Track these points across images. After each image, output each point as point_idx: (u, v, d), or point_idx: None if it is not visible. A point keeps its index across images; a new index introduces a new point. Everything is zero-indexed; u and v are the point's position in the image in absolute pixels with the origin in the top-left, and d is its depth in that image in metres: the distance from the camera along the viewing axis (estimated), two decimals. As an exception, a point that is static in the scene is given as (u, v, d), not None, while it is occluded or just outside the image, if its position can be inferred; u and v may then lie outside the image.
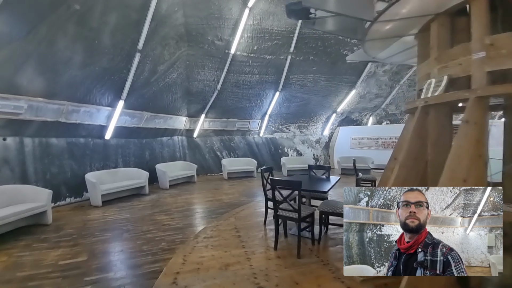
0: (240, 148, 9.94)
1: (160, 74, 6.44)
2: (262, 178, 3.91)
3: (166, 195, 6.16)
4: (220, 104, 8.44)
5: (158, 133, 7.98)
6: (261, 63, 7.49)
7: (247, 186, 7.30)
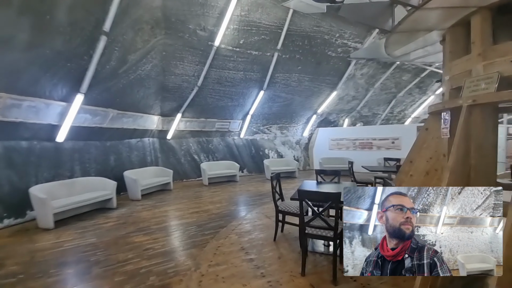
0: (219, 150, 9.22)
1: (130, 65, 5.42)
2: (272, 187, 3.39)
3: (139, 208, 5.18)
4: (200, 102, 7.64)
5: (126, 134, 6.83)
6: (247, 59, 6.95)
7: (232, 192, 6.67)
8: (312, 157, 11.22)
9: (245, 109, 8.70)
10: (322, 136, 10.98)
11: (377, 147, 9.86)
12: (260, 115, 9.22)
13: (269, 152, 10.22)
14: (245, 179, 8.69)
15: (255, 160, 9.85)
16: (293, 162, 9.18)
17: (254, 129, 9.74)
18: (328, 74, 8.54)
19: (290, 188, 6.90)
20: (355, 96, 10.37)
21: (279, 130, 10.29)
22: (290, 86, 8.33)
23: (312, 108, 9.96)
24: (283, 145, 10.60)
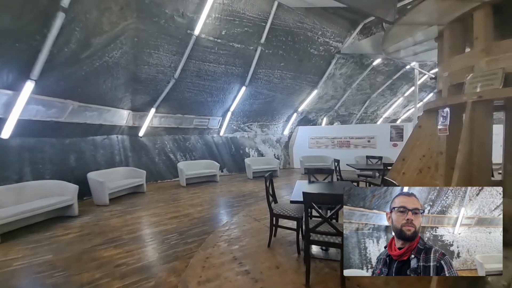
0: (197, 149, 8.68)
1: (95, 50, 4.71)
2: (266, 188, 3.11)
3: (107, 215, 4.53)
4: (177, 96, 7.04)
5: (90, 130, 6.00)
6: (229, 52, 6.56)
7: (213, 193, 6.25)
8: (292, 156, 11.22)
9: (225, 106, 8.29)
10: (302, 134, 11.02)
11: (354, 146, 10.18)
12: (241, 112, 8.89)
13: (249, 150, 9.94)
14: (226, 179, 8.31)
15: (235, 159, 9.50)
16: (274, 161, 9.03)
17: (235, 126, 9.37)
18: (310, 72, 8.52)
19: (275, 187, 6.73)
20: (333, 95, 10.57)
21: (259, 128, 10.06)
22: (273, 82, 8.13)
23: (293, 106, 9.91)
24: (264, 143, 10.40)
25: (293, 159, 11.19)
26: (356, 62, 9.28)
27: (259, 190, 6.50)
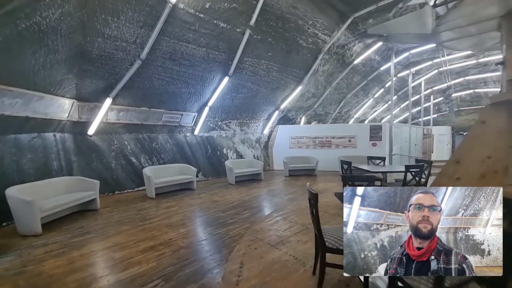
0: (167, 150, 7.20)
1: (19, 4, 3.07)
2: (312, 215, 2.12)
3: (38, 253, 2.97)
4: (142, 84, 5.54)
5: (10, 126, 4.17)
6: (212, 32, 5.38)
7: (194, 206, 5.00)
8: (272, 157, 10.46)
9: (203, 99, 7.02)
10: (282, 134, 10.35)
11: (336, 145, 9.94)
12: (220, 107, 7.71)
13: (227, 151, 8.80)
14: (203, 186, 7.04)
15: (211, 162, 8.26)
16: (257, 163, 8.09)
17: (212, 124, 8.13)
18: (296, 66, 7.86)
19: (265, 194, 5.82)
20: (314, 93, 10.18)
21: (239, 126, 9.01)
22: (258, 75, 7.20)
23: (275, 103, 9.14)
24: (243, 143, 9.38)
25: (273, 160, 10.45)
26: (339, 59, 9.02)
27: (249, 199, 5.48)
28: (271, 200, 5.39)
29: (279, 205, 4.95)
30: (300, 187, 6.78)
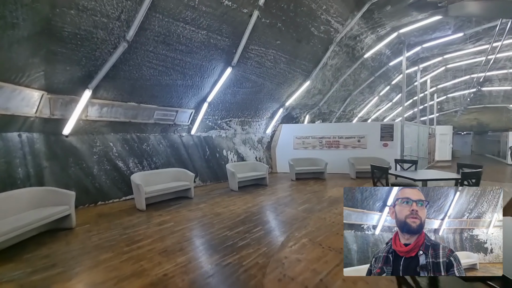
0: (160, 153, 6.26)
1: None
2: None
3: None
4: (129, 73, 4.61)
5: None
6: (215, 11, 4.50)
7: (193, 221, 4.11)
8: (275, 158, 9.64)
9: (201, 94, 6.12)
10: (286, 133, 9.54)
11: (344, 146, 9.21)
12: (220, 104, 6.82)
13: (227, 153, 7.93)
14: (202, 193, 6.15)
15: (210, 165, 7.37)
16: (261, 166, 7.24)
17: (210, 123, 7.23)
18: (305, 58, 7.07)
19: (277, 204, 4.94)
20: (320, 89, 9.43)
21: (240, 125, 8.15)
22: (264, 66, 6.36)
23: (280, 99, 8.32)
24: (244, 144, 8.52)
25: (276, 163, 9.63)
26: (348, 52, 8.29)
27: (258, 210, 4.65)
28: (284, 212, 4.56)
29: (297, 218, 4.12)
30: (312, 193, 5.99)
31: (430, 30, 8.20)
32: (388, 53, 9.48)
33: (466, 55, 10.64)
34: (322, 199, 5.45)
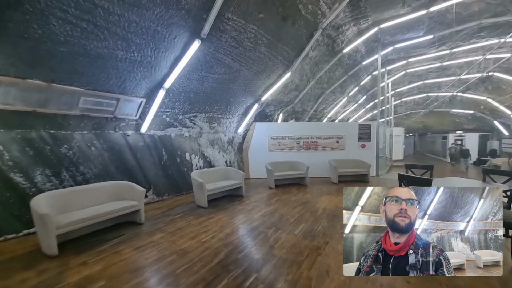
0: (91, 159, 4.30)
1: None
2: None
3: None
4: (26, 27, 2.69)
5: None
6: None
7: (145, 273, 2.49)
8: (248, 162, 8.33)
9: (156, 76, 4.40)
10: (259, 133, 8.33)
11: (322, 147, 8.47)
12: (183, 93, 5.18)
13: (191, 157, 6.28)
14: (157, 213, 4.44)
15: (168, 173, 5.64)
16: (236, 173, 5.83)
17: (169, 118, 5.50)
18: (289, 44, 5.96)
19: (265, 227, 3.53)
20: (298, 85, 8.52)
21: (207, 122, 6.58)
22: (242, 47, 4.98)
23: (256, 93, 7.05)
24: (212, 146, 6.98)
25: (249, 167, 8.33)
26: (329, 45, 7.55)
27: (241, 240, 3.29)
28: (279, 240, 3.28)
29: (302, 251, 2.89)
30: (301, 206, 4.88)
31: (406, 29, 8.07)
32: (363, 51, 9.15)
33: (426, 60, 11.16)
34: (318, 214, 4.38)
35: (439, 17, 7.53)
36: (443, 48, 9.67)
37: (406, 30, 8.13)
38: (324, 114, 13.14)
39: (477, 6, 6.75)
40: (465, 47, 9.49)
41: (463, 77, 13.29)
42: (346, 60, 9.10)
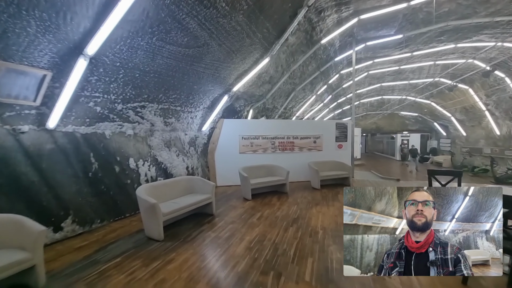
0: None
1: None
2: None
3: None
4: None
5: None
6: None
7: None
8: (214, 167, 6.82)
9: (68, 34, 2.60)
10: (228, 131, 6.91)
11: (299, 148, 7.56)
12: (122, 69, 3.43)
13: (138, 164, 4.49)
14: (75, 258, 2.65)
15: (100, 189, 3.80)
16: (203, 185, 4.32)
17: (100, 108, 3.65)
18: (271, 19, 4.74)
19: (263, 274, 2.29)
20: (272, 76, 7.42)
21: (161, 116, 4.87)
22: (215, 7, 3.51)
23: (227, 80, 5.63)
24: (168, 147, 5.27)
25: (216, 173, 6.83)
26: (307, 32, 6.67)
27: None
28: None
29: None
30: (293, 226, 3.73)
31: (381, 25, 7.79)
32: (337, 46, 8.63)
33: (388, 62, 11.47)
34: (320, 238, 3.29)
35: (412, 15, 7.42)
36: (405, 51, 9.92)
37: (380, 26, 7.86)
38: (293, 112, 12.46)
39: (448, 6, 6.79)
40: (424, 51, 9.89)
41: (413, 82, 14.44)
42: (321, 53, 8.43)
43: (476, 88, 12.14)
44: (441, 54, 10.33)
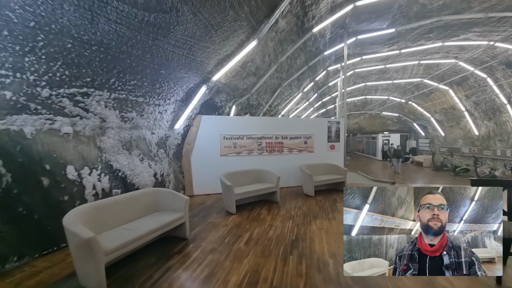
0: None
1: None
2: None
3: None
4: None
5: None
6: None
7: None
8: (190, 173, 5.70)
9: None
10: (207, 130, 5.84)
11: (289, 149, 6.70)
12: (41, 33, 2.26)
13: (81, 173, 3.28)
14: None
15: (16, 212, 2.57)
16: (175, 200, 3.24)
17: (11, 93, 2.42)
18: (261, -11, 3.79)
19: None
20: (258, 67, 6.49)
21: (116, 109, 3.67)
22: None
23: (205, 66, 4.55)
24: (128, 150, 4.08)
25: (192, 179, 5.72)
26: (299, 17, 5.84)
27: None
28: None
29: None
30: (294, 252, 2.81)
31: (374, 16, 7.23)
32: (327, 38, 7.95)
33: (375, 59, 11.13)
34: (333, 275, 2.39)
35: (406, 7, 6.95)
36: (394, 48, 9.58)
37: (374, 17, 7.30)
38: (278, 110, 11.64)
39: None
40: (412, 48, 9.63)
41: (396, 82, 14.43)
42: (310, 45, 7.68)
43: (455, 89, 12.31)
44: (426, 53, 10.17)
